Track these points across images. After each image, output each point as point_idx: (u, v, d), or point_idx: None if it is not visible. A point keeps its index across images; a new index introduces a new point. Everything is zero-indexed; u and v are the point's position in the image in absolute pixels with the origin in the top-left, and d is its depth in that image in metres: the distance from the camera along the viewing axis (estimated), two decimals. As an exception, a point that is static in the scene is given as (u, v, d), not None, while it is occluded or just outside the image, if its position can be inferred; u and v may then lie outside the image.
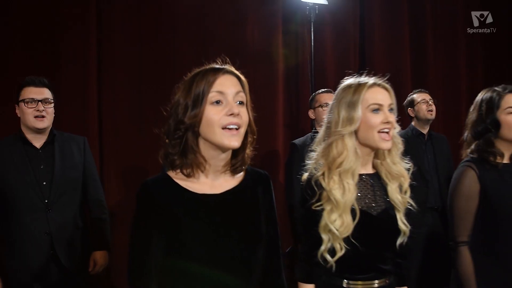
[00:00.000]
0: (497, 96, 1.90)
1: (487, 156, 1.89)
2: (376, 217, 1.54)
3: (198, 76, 1.25)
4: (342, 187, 1.49)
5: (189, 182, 1.26)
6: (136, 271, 1.25)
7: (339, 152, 1.51)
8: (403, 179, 1.59)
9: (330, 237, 1.49)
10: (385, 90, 1.58)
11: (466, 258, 1.84)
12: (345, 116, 1.52)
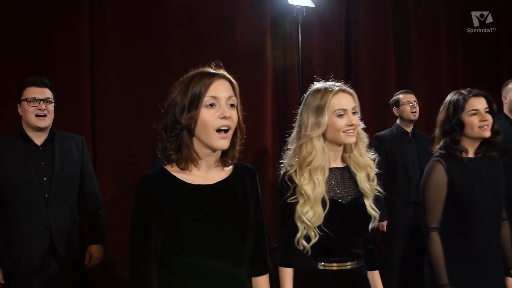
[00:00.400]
0: (463, 99, 2.08)
1: (454, 152, 2.07)
2: (346, 205, 1.71)
3: (195, 78, 1.37)
4: (312, 183, 1.66)
5: (184, 174, 1.38)
6: (137, 258, 1.36)
7: (309, 152, 1.68)
8: (369, 169, 1.77)
9: (304, 226, 1.66)
10: (349, 95, 1.74)
11: (436, 242, 2.02)
12: (313, 121, 1.69)
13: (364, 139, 1.78)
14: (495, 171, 2.12)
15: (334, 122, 1.68)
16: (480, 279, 2.00)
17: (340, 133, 1.68)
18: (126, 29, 3.97)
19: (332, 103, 1.69)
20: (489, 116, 2.05)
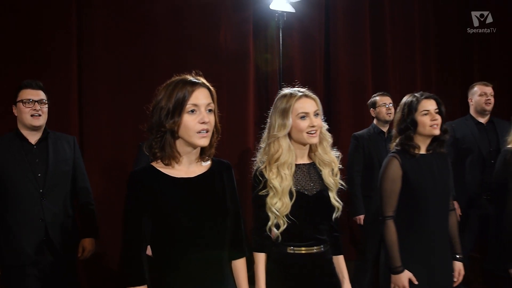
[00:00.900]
0: (416, 101, 2.30)
1: (408, 148, 2.29)
2: (311, 197, 1.91)
3: (178, 86, 1.53)
4: (280, 177, 1.85)
5: (168, 169, 1.57)
6: (129, 244, 1.53)
7: (276, 150, 1.88)
8: (333, 165, 1.97)
9: (273, 215, 1.85)
10: (311, 100, 1.92)
11: (391, 229, 2.24)
12: (279, 123, 1.88)
13: (328, 139, 1.98)
14: (444, 166, 2.34)
15: (297, 123, 1.87)
16: (430, 263, 2.22)
17: (303, 134, 1.87)
18: (113, 32, 4.07)
19: (295, 107, 1.88)
20: (439, 116, 2.28)
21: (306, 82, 4.66)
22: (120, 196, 3.85)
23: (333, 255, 2.00)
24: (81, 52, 3.97)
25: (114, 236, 3.54)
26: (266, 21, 4.60)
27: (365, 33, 5.18)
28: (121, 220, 1.59)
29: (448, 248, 2.32)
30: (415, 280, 2.18)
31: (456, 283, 2.34)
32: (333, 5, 5.04)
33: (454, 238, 2.36)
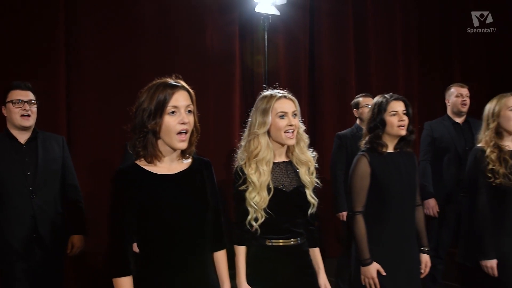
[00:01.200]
0: (385, 102, 2.39)
1: (376, 146, 2.39)
2: (288, 193, 2.01)
3: (159, 88, 1.62)
4: (258, 172, 1.95)
5: (151, 166, 1.66)
6: (116, 235, 1.62)
7: (255, 146, 1.98)
8: (310, 164, 2.07)
9: (253, 209, 1.95)
10: (290, 101, 2.02)
11: (360, 223, 2.33)
12: (260, 121, 1.98)
13: (305, 140, 2.08)
14: (411, 164, 2.45)
15: (276, 122, 1.97)
16: (398, 255, 2.32)
17: (281, 133, 1.97)
18: (101, 34, 4.13)
19: (275, 107, 1.98)
20: (406, 117, 2.38)
21: (291, 83, 4.85)
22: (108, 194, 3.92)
23: (309, 248, 2.11)
24: (69, 53, 4.02)
25: (102, 234, 3.61)
26: (251, 23, 4.70)
27: (349, 34, 5.32)
28: (107, 215, 1.67)
29: (415, 241, 2.42)
30: (383, 272, 2.28)
31: (423, 274, 2.46)
32: (317, 7, 5.17)
33: (421, 232, 2.47)
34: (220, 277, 1.79)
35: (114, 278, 1.58)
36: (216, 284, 1.76)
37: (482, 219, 2.41)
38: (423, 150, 3.75)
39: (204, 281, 1.70)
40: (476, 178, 2.46)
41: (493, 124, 2.49)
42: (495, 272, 2.36)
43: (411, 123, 2.42)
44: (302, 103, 5.05)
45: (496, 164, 2.41)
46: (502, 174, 2.38)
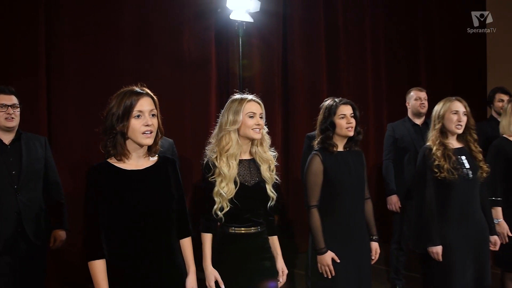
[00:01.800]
0: (335, 105, 2.63)
1: (327, 146, 2.61)
2: (250, 187, 2.24)
3: (127, 95, 1.84)
4: (228, 165, 2.18)
5: (120, 163, 1.86)
6: (88, 226, 1.81)
7: (227, 142, 2.20)
8: (271, 162, 2.30)
9: (220, 199, 2.17)
10: (258, 104, 2.27)
11: (315, 216, 2.56)
12: (231, 119, 2.21)
13: (267, 140, 2.32)
14: (359, 161, 2.69)
15: (246, 121, 2.21)
16: (349, 244, 2.56)
17: (250, 130, 2.21)
18: (81, 39, 4.26)
19: (246, 108, 2.22)
20: (353, 120, 2.61)
21: (265, 87, 5.10)
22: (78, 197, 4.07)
23: (268, 236, 2.34)
24: (50, 57, 4.15)
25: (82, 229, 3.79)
26: (227, 30, 4.90)
27: (320, 41, 5.57)
28: (84, 208, 1.87)
29: (365, 231, 2.67)
30: (337, 259, 2.51)
31: (373, 261, 2.70)
32: (290, 15, 5.41)
33: (370, 222, 2.72)
34: (186, 261, 2.00)
35: (89, 261, 1.78)
36: (183, 267, 1.97)
37: (429, 210, 2.67)
38: (386, 150, 4.01)
39: (171, 265, 1.91)
40: (424, 173, 2.72)
41: (439, 125, 2.76)
42: (440, 257, 2.62)
43: (358, 125, 2.65)
44: (276, 106, 5.29)
45: (441, 160, 2.66)
46: (446, 169, 2.64)
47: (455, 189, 2.65)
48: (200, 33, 4.86)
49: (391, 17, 6.19)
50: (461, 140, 2.80)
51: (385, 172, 3.99)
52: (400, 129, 3.98)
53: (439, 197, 2.68)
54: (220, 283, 2.15)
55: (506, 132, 3.13)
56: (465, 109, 2.74)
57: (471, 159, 2.74)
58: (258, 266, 2.23)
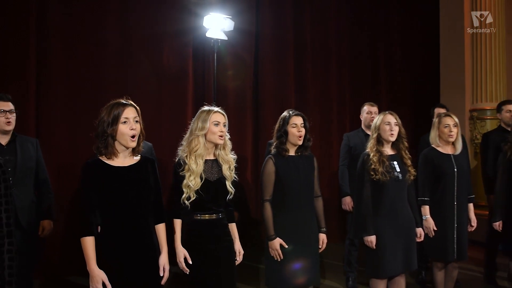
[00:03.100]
0: (288, 116, 3.10)
1: (281, 151, 3.08)
2: (213, 182, 2.70)
3: (115, 106, 2.29)
4: (196, 163, 2.64)
5: (110, 161, 2.31)
6: (83, 212, 2.26)
7: (195, 144, 2.67)
8: (230, 163, 2.76)
9: (188, 190, 2.62)
10: (222, 115, 2.74)
11: (268, 208, 3.03)
12: (200, 126, 2.68)
13: (229, 145, 2.78)
14: (309, 164, 3.15)
15: (212, 128, 2.68)
16: (297, 234, 3.02)
17: (215, 135, 2.68)
18: (69, 52, 4.70)
19: (212, 117, 2.69)
20: (303, 129, 3.07)
21: (237, 99, 5.62)
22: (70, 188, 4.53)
23: (228, 223, 2.81)
24: (39, 69, 4.58)
25: (66, 221, 4.26)
26: (203, 46, 5.38)
27: (289, 58, 6.10)
28: (79, 195, 2.33)
29: (314, 224, 3.14)
30: (285, 245, 2.97)
31: (321, 249, 3.18)
32: (261, 33, 5.93)
33: (319, 216, 3.19)
34: (160, 242, 2.45)
35: (81, 237, 2.23)
36: (157, 247, 2.43)
37: (366, 206, 3.18)
38: (342, 157, 4.51)
39: (148, 244, 2.37)
40: (362, 175, 3.23)
41: (375, 135, 3.28)
42: (374, 245, 3.13)
43: (308, 134, 3.12)
44: (248, 115, 5.78)
45: (377, 165, 3.18)
46: (380, 172, 3.15)
47: (387, 188, 3.16)
48: (179, 49, 5.33)
49: (354, 34, 6.72)
50: (395, 148, 3.31)
51: (340, 176, 4.48)
52: (354, 139, 4.45)
53: (374, 195, 3.19)
54: (188, 259, 2.62)
55: (433, 143, 3.63)
56: (396, 120, 3.26)
57: (402, 164, 3.26)
58: (219, 247, 2.70)
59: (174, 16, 5.29)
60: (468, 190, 3.64)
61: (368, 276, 3.33)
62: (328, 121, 6.34)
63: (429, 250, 3.59)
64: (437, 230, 3.47)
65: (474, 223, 3.62)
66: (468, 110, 6.47)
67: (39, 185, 3.41)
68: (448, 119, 3.57)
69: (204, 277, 2.65)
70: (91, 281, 2.19)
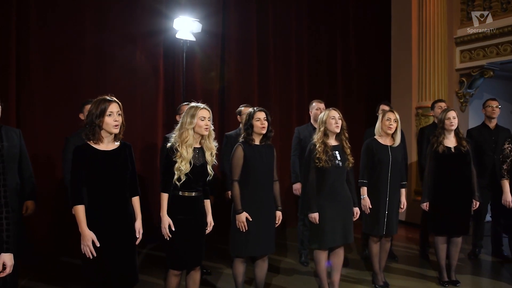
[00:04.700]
0: (253, 112, 3.63)
1: (248, 140, 3.61)
2: (198, 166, 3.22)
3: (102, 101, 2.78)
4: (186, 151, 3.16)
5: (96, 145, 2.79)
6: (73, 185, 2.73)
7: (186, 136, 3.18)
8: (213, 150, 3.29)
9: (179, 172, 3.13)
10: (207, 111, 3.24)
11: (236, 187, 3.55)
12: (189, 121, 3.19)
13: (213, 135, 3.29)
14: (270, 153, 3.66)
15: (199, 122, 3.19)
16: (260, 211, 3.54)
17: (201, 128, 3.20)
18: (49, 51, 5.04)
19: (199, 113, 3.20)
20: (266, 122, 3.59)
21: (205, 96, 6.17)
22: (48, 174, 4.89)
23: (204, 199, 3.35)
24: (19, 68, 4.89)
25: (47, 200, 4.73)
26: (173, 47, 5.81)
27: (253, 58, 6.62)
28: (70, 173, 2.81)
29: (272, 203, 3.66)
30: (250, 218, 3.49)
31: (277, 224, 3.71)
32: (227, 35, 6.41)
33: (276, 197, 3.71)
34: (135, 211, 2.96)
35: (74, 206, 2.71)
36: (133, 214, 2.94)
37: (311, 188, 3.75)
38: (293, 148, 5.04)
39: (126, 212, 2.88)
40: (309, 162, 3.80)
41: (322, 128, 3.84)
42: (317, 221, 3.71)
43: (270, 126, 3.63)
44: (214, 111, 6.16)
45: (321, 154, 3.75)
46: (324, 160, 3.72)
47: (328, 174, 3.73)
48: (151, 48, 5.75)
49: (312, 36, 7.28)
50: (338, 139, 3.90)
51: (292, 165, 5.00)
52: (304, 132, 4.97)
53: (318, 179, 3.75)
54: (172, 226, 3.15)
55: (377, 133, 4.22)
56: (340, 115, 3.84)
57: (343, 153, 3.84)
58: (197, 217, 3.26)
59: (147, 19, 5.70)
60: (401, 177, 4.25)
61: (312, 248, 3.92)
62: (288, 115, 6.91)
63: (366, 226, 4.20)
64: (372, 208, 4.09)
65: (404, 205, 4.24)
66: (414, 108, 7.16)
67: (22, 170, 3.80)
68: (390, 114, 4.17)
69: (181, 241, 3.19)
70: (83, 239, 2.68)
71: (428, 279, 4.54)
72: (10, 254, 2.32)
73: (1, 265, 2.29)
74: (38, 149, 5.00)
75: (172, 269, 3.28)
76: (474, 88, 7.19)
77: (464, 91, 7.15)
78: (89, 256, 2.68)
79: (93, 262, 2.70)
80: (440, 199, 4.22)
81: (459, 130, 4.30)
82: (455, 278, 4.36)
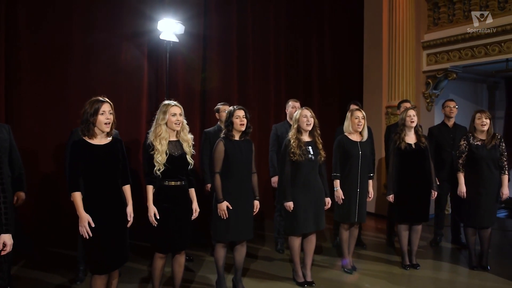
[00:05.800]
0: (233, 110, 3.93)
1: (228, 136, 3.93)
2: (176, 157, 3.53)
3: (95, 101, 3.09)
4: (161, 144, 3.47)
5: (91, 140, 3.12)
6: (71, 175, 3.04)
7: (159, 131, 3.50)
8: (189, 141, 3.60)
9: (157, 164, 3.44)
10: (179, 107, 3.56)
11: (218, 179, 3.86)
12: (161, 117, 3.51)
13: (187, 128, 3.62)
14: (248, 147, 3.97)
15: (170, 118, 3.50)
16: (239, 200, 3.84)
17: (172, 124, 3.51)
18: (38, 51, 5.25)
19: (170, 109, 3.52)
20: (245, 120, 3.90)
21: (187, 93, 6.43)
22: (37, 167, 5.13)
23: (188, 188, 3.65)
24: (9, 67, 5.09)
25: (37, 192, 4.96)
26: (157, 47, 6.05)
27: (233, 59, 6.93)
28: (68, 165, 3.11)
29: (251, 193, 3.97)
30: (230, 206, 3.78)
31: (254, 212, 4.02)
32: (209, 36, 6.71)
33: (254, 187, 4.02)
34: (126, 197, 3.28)
35: (72, 192, 3.02)
36: (125, 201, 3.25)
37: (286, 179, 4.12)
38: (271, 144, 5.38)
39: (118, 198, 3.19)
40: (285, 156, 4.16)
41: (296, 125, 4.22)
42: (291, 209, 4.09)
43: (249, 123, 3.93)
44: (195, 107, 6.53)
45: (295, 149, 4.12)
46: (298, 154, 4.09)
47: (302, 167, 4.10)
48: (136, 48, 6.00)
49: (289, 37, 7.63)
50: (310, 135, 4.27)
51: (270, 160, 5.33)
52: (281, 129, 5.31)
53: (292, 171, 4.13)
54: (157, 215, 3.45)
55: (346, 131, 4.60)
56: (312, 113, 4.20)
57: (315, 148, 4.21)
58: (181, 206, 3.56)
59: (132, 20, 5.94)
60: (369, 170, 4.66)
61: (286, 234, 4.29)
62: (266, 113, 7.26)
63: (338, 215, 4.60)
64: (344, 198, 4.47)
65: (371, 195, 4.66)
66: (384, 107, 7.60)
67: (12, 163, 4.04)
68: (359, 113, 4.55)
69: (166, 227, 3.49)
70: (80, 221, 3.00)
71: (392, 263, 4.98)
72: (9, 235, 2.58)
73: (1, 245, 2.57)
74: (25, 144, 5.15)
75: (158, 252, 3.61)
76: (439, 89, 7.69)
77: (430, 91, 7.65)
78: (85, 236, 2.99)
79: (91, 242, 3.02)
80: (402, 190, 4.65)
81: (419, 128, 4.73)
82: (415, 262, 4.82)
